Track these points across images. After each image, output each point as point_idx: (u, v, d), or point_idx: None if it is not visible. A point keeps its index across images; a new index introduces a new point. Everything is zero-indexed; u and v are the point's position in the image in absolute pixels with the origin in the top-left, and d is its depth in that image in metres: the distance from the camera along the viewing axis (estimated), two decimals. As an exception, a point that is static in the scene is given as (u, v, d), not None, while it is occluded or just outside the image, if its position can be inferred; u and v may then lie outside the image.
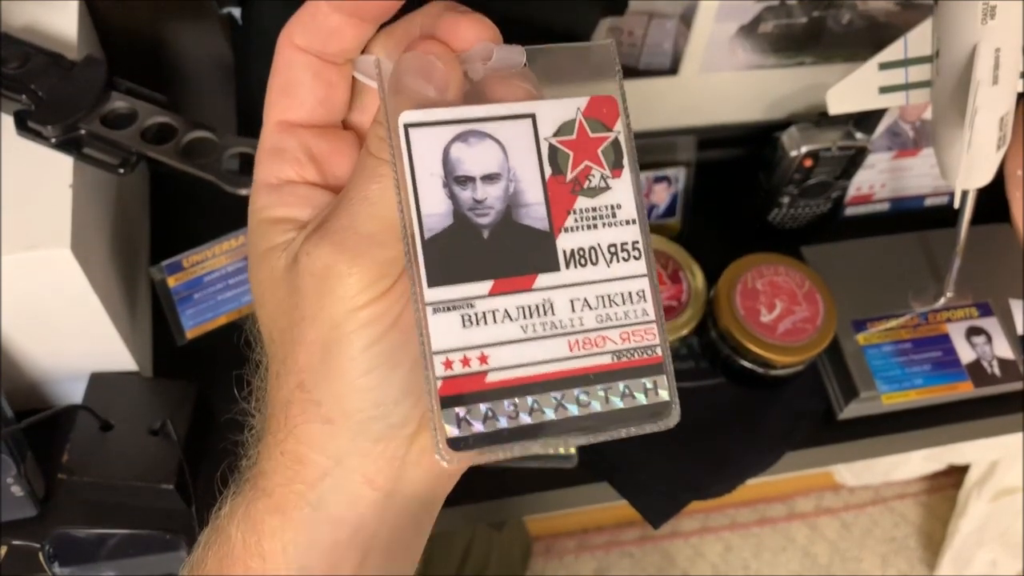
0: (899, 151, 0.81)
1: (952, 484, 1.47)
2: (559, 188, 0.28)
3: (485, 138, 0.28)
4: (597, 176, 0.29)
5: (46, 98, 0.54)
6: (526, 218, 0.28)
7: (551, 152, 0.28)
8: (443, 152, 0.28)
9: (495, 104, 0.28)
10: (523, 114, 0.28)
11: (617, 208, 0.29)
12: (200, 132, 0.55)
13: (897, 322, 0.74)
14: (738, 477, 0.72)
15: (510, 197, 0.28)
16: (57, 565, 0.60)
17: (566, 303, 0.28)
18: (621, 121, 0.29)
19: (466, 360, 0.27)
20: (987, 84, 0.56)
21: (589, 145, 0.29)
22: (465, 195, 0.28)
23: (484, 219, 0.28)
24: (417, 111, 0.27)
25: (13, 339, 0.60)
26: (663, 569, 1.44)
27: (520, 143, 0.28)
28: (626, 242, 0.29)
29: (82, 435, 0.63)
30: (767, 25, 0.72)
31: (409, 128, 0.27)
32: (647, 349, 0.29)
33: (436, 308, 0.27)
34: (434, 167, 0.27)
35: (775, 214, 0.79)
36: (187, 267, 0.64)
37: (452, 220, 0.27)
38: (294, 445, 0.30)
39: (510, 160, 0.28)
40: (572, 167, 0.29)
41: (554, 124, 0.29)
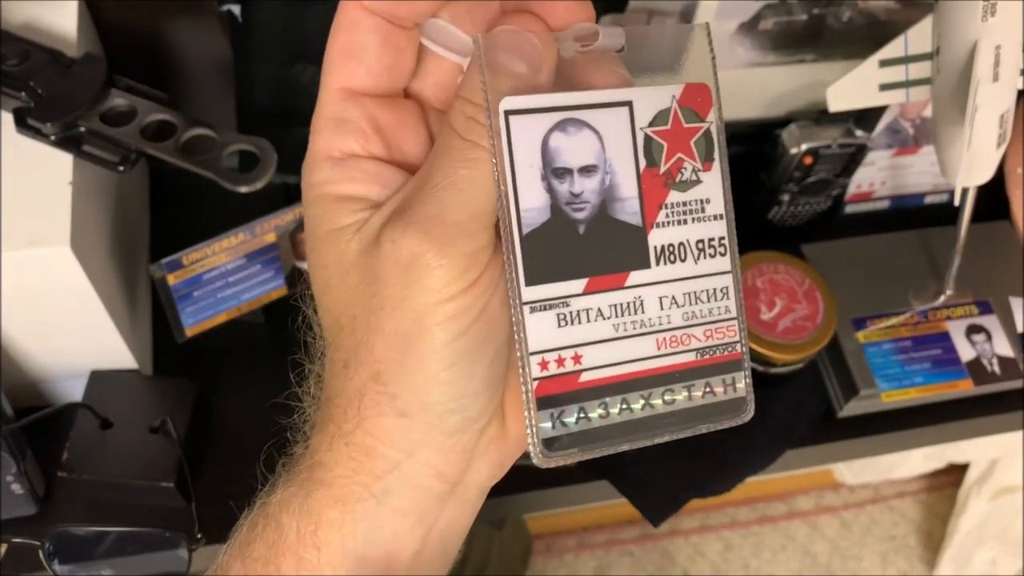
0: (899, 149, 0.81)
1: (952, 482, 1.47)
2: (653, 181, 0.28)
3: (584, 127, 0.27)
4: (689, 169, 0.28)
5: (46, 95, 0.54)
6: (621, 213, 0.27)
7: (646, 143, 0.27)
8: (542, 142, 0.26)
9: (594, 91, 0.27)
10: (621, 101, 0.27)
11: (707, 203, 0.28)
12: (200, 129, 0.55)
13: (897, 320, 0.74)
14: (738, 475, 0.72)
15: (606, 191, 0.27)
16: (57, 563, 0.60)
17: (655, 301, 0.28)
18: (714, 111, 0.28)
19: (561, 360, 0.27)
20: (987, 81, 0.56)
21: (683, 136, 0.28)
22: (563, 188, 0.27)
23: (580, 214, 0.27)
24: (519, 97, 0.26)
25: (13, 337, 0.60)
26: (663, 568, 1.44)
27: (617, 133, 0.27)
28: (713, 238, 0.28)
29: (82, 433, 0.63)
30: (767, 23, 0.72)
31: (510, 115, 0.26)
32: (728, 346, 0.29)
33: (533, 307, 0.27)
34: (533, 158, 0.26)
35: (775, 212, 0.79)
36: (187, 265, 0.64)
37: (550, 215, 0.27)
38: (362, 437, 0.29)
39: (607, 151, 0.27)
40: (666, 159, 0.28)
41: (650, 113, 0.27)
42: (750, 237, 0.79)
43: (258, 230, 0.66)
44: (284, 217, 0.67)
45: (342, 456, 0.29)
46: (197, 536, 0.60)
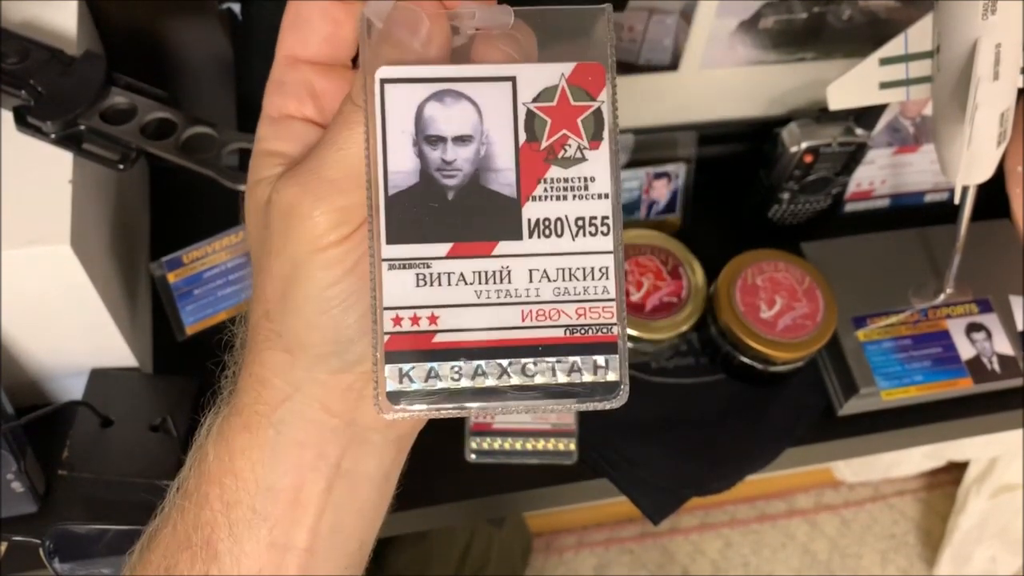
0: (899, 147, 0.81)
1: (951, 481, 1.47)
2: (532, 155, 0.28)
3: (461, 99, 0.28)
4: (574, 146, 0.28)
5: (46, 93, 0.54)
6: (494, 183, 0.28)
7: (528, 118, 0.28)
8: (416, 110, 0.27)
9: (476, 65, 0.28)
10: (504, 76, 0.28)
11: (591, 181, 0.28)
12: (200, 127, 0.55)
13: (897, 318, 0.74)
14: (738, 473, 0.72)
15: (480, 160, 0.28)
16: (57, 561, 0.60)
17: (524, 272, 0.28)
18: (607, 91, 0.28)
19: (416, 319, 0.28)
20: (988, 80, 0.55)
21: (569, 113, 0.28)
22: (434, 155, 0.28)
23: (451, 180, 0.28)
24: (395, 67, 0.27)
25: (13, 335, 0.60)
26: (663, 566, 1.44)
27: (497, 106, 0.28)
28: (595, 216, 0.28)
29: (82, 431, 0.63)
30: (767, 21, 0.72)
31: (385, 84, 0.27)
32: (603, 327, 0.29)
33: (392, 264, 0.27)
34: (406, 124, 0.27)
35: (775, 210, 0.79)
36: (187, 263, 0.64)
37: (418, 179, 0.28)
38: (259, 368, 0.31)
39: (484, 123, 0.28)
40: (548, 135, 0.28)
41: (535, 89, 0.28)
42: (750, 235, 0.79)
43: (258, 228, 0.66)
44: (284, 215, 0.67)
45: (247, 384, 0.32)
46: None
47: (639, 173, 0.77)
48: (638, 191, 0.78)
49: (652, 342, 0.72)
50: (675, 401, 0.73)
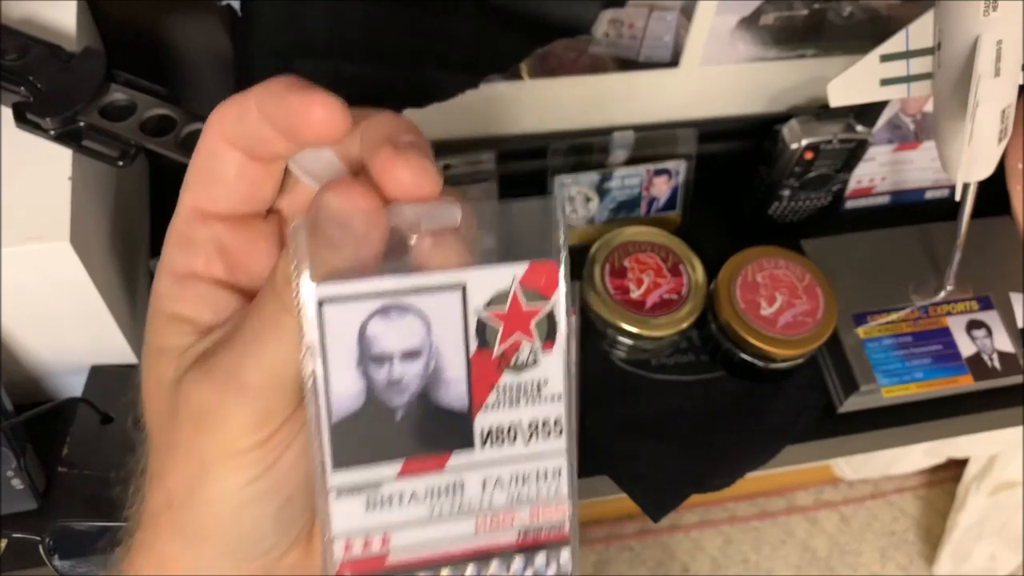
0: (900, 144, 0.81)
1: (951, 478, 1.47)
2: (484, 363, 0.26)
3: (408, 312, 0.25)
4: (527, 350, 0.27)
5: (45, 90, 0.54)
6: (444, 397, 0.26)
7: (479, 326, 0.26)
8: (360, 329, 0.25)
9: (423, 274, 0.25)
10: (453, 284, 0.26)
11: (544, 383, 0.27)
12: (200, 124, 0.55)
13: (897, 315, 0.74)
14: (738, 470, 0.72)
15: (429, 375, 0.26)
16: (57, 558, 0.60)
17: (478, 483, 0.27)
18: (560, 289, 0.27)
19: (367, 542, 0.26)
20: (989, 76, 0.55)
21: (522, 317, 0.27)
22: (380, 375, 0.26)
23: (399, 399, 0.26)
24: (334, 285, 0.24)
25: (13, 332, 0.60)
26: (663, 563, 1.44)
27: (446, 316, 0.26)
28: (548, 419, 0.27)
29: (82, 428, 0.63)
30: (768, 17, 0.72)
31: (324, 303, 0.25)
32: (554, 526, 0.28)
33: (340, 492, 0.26)
34: (348, 345, 0.25)
35: (775, 207, 0.79)
36: (187, 260, 0.64)
37: (364, 401, 0.26)
38: (160, 549, 0.29)
39: (433, 335, 0.26)
40: (501, 341, 0.26)
41: (486, 295, 0.26)
42: (750, 232, 0.79)
43: (258, 225, 0.66)
44: (284, 212, 0.66)
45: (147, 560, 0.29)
46: None
47: (639, 170, 0.77)
48: (638, 188, 0.78)
49: (652, 339, 0.72)
50: (675, 398, 0.73)
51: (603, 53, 0.72)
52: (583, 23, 0.67)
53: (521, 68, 0.71)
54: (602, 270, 0.73)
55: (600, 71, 0.73)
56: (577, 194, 0.77)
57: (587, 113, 0.77)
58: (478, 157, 0.73)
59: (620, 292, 0.72)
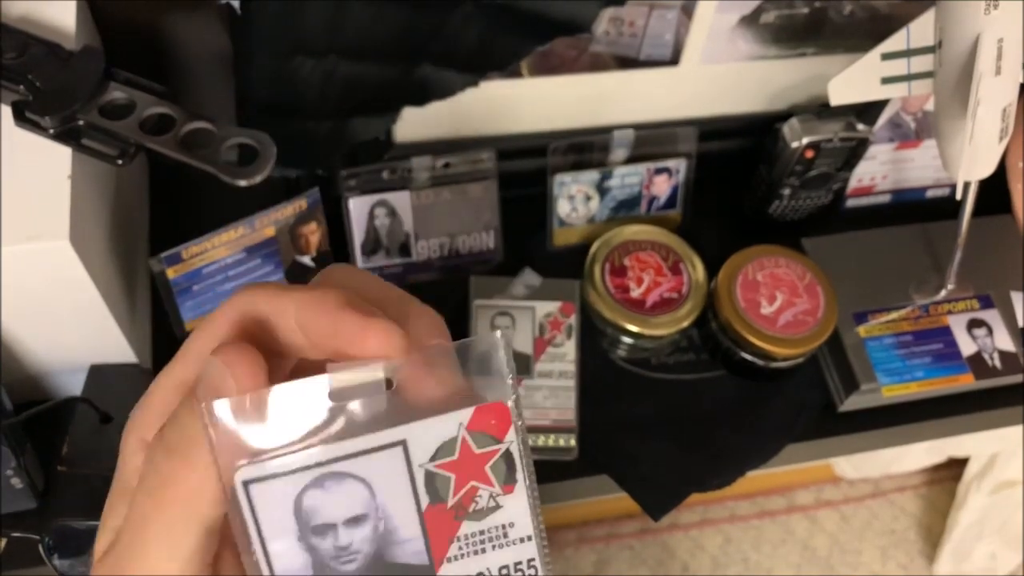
0: (901, 142, 0.81)
1: (952, 477, 1.47)
2: (439, 517, 0.25)
3: (345, 479, 0.24)
4: (485, 496, 0.25)
5: (44, 88, 0.54)
6: (401, 556, 0.25)
7: (428, 479, 0.25)
8: (294, 503, 0.24)
9: (354, 439, 0.24)
10: (391, 443, 0.24)
11: (509, 527, 0.26)
12: (199, 123, 0.54)
13: (898, 314, 0.74)
14: (738, 469, 0.72)
15: (380, 537, 0.25)
16: (57, 557, 0.60)
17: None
18: (513, 429, 0.25)
19: None
20: (989, 75, 0.55)
21: (475, 463, 0.25)
22: (326, 545, 0.24)
23: (351, 566, 0.25)
24: (255, 466, 0.24)
25: (12, 331, 0.60)
26: (663, 561, 1.44)
27: (389, 476, 0.24)
28: (520, 561, 0.26)
29: (82, 427, 0.62)
30: (768, 16, 0.72)
31: (249, 484, 0.24)
32: None
33: None
34: (284, 522, 0.24)
35: (776, 206, 0.79)
36: (186, 258, 0.64)
37: (311, 573, 0.24)
38: None
39: (377, 497, 0.25)
40: (454, 491, 0.25)
41: (431, 447, 0.25)
42: (751, 231, 0.79)
43: (257, 224, 0.66)
44: (283, 211, 0.66)
45: None
46: None
47: (639, 169, 0.77)
48: (639, 187, 0.78)
49: (652, 338, 0.71)
50: (675, 397, 0.73)
51: (603, 51, 0.72)
52: (583, 21, 0.67)
53: (521, 66, 0.71)
54: (602, 269, 0.73)
55: (600, 69, 0.73)
56: (577, 193, 0.77)
57: (587, 111, 0.77)
58: (478, 155, 0.73)
59: (620, 291, 0.72)
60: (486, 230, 0.76)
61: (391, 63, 0.66)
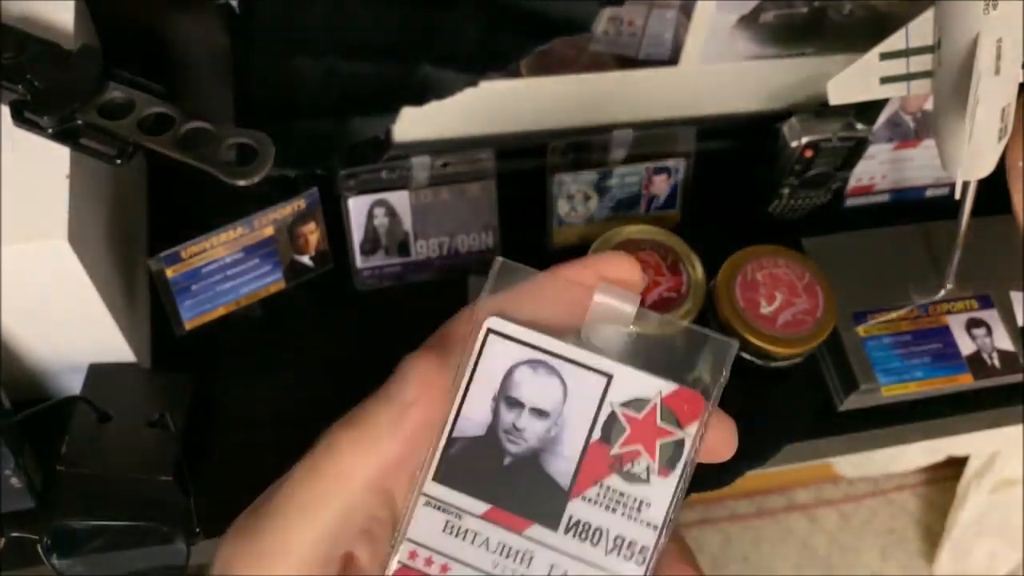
0: (900, 142, 0.81)
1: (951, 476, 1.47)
2: (599, 456, 0.27)
3: (553, 374, 0.28)
4: (643, 465, 0.27)
5: (42, 88, 0.54)
6: (551, 467, 0.27)
7: (609, 418, 0.27)
8: (508, 369, 0.28)
9: (579, 348, 0.28)
10: (602, 371, 0.28)
11: (646, 506, 0.27)
12: (198, 122, 0.54)
13: (897, 314, 0.74)
14: (737, 469, 0.72)
15: (547, 439, 0.27)
16: (55, 557, 0.60)
17: (546, 564, 0.27)
18: (697, 425, 0.27)
19: (429, 560, 0.27)
20: (989, 75, 0.55)
21: (651, 432, 0.27)
22: (508, 417, 0.28)
23: (513, 447, 0.28)
24: (503, 321, 0.28)
25: (10, 331, 0.60)
26: (662, 560, 1.44)
27: (584, 395, 0.27)
28: (635, 542, 0.27)
29: (80, 427, 0.62)
30: (768, 15, 0.72)
31: (490, 333, 0.28)
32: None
33: (429, 502, 0.28)
34: (494, 378, 0.28)
35: (775, 205, 0.79)
36: (185, 258, 0.64)
37: (484, 432, 0.28)
38: None
39: (566, 405, 0.27)
40: (623, 443, 0.27)
41: (627, 394, 0.27)
42: (750, 230, 0.79)
43: (256, 224, 0.66)
44: (282, 211, 0.66)
45: None
46: (196, 530, 0.60)
47: (639, 168, 0.77)
48: (638, 186, 0.78)
49: (652, 338, 0.71)
50: (675, 397, 0.73)
51: (603, 51, 0.72)
52: (583, 21, 0.67)
53: (521, 66, 0.71)
54: (601, 268, 0.73)
55: (600, 69, 0.73)
56: (576, 192, 0.76)
57: (586, 111, 0.76)
58: (477, 155, 0.73)
59: (619, 290, 0.72)
60: (485, 230, 0.76)
61: (390, 62, 0.66)
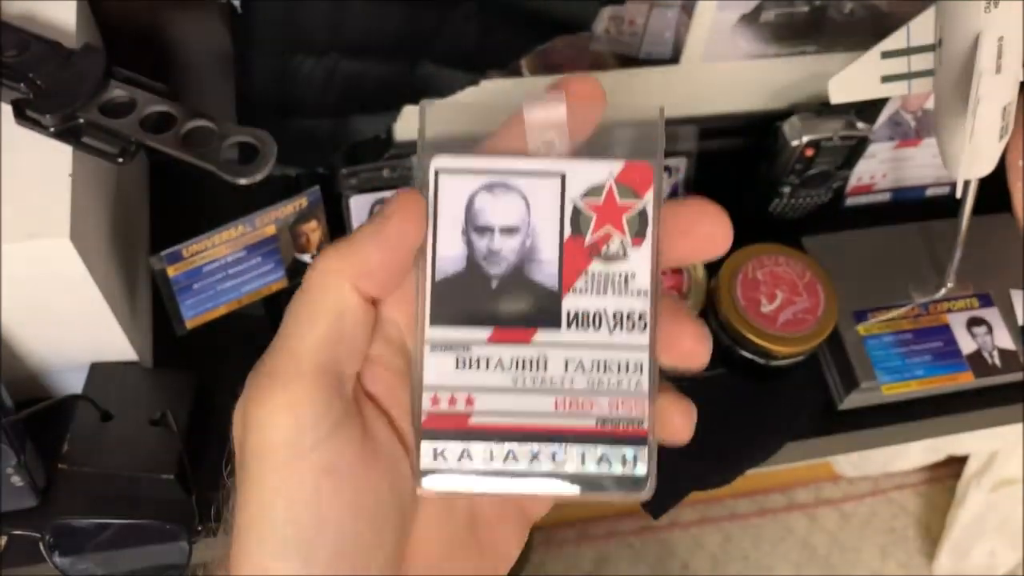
0: (901, 141, 0.81)
1: (951, 475, 1.47)
2: (575, 249, 0.29)
3: (511, 191, 0.29)
4: (617, 243, 0.29)
5: (45, 87, 0.54)
6: (537, 274, 0.29)
7: (574, 213, 0.29)
8: (468, 200, 0.29)
9: (527, 159, 0.29)
10: (553, 172, 0.29)
11: (631, 277, 0.29)
12: (200, 121, 0.54)
13: (898, 312, 0.74)
14: (738, 467, 0.72)
15: (525, 251, 0.29)
16: (57, 555, 0.60)
17: (560, 361, 0.29)
18: (653, 190, 0.29)
19: (453, 400, 0.28)
20: (990, 73, 0.55)
21: (615, 211, 0.29)
22: (481, 244, 0.29)
23: (495, 269, 0.29)
24: (448, 157, 0.29)
25: (13, 329, 0.60)
26: (662, 559, 1.44)
27: (545, 200, 0.29)
28: (633, 312, 0.29)
29: (82, 425, 0.63)
30: (769, 14, 0.72)
31: (440, 173, 0.29)
32: (634, 421, 0.30)
33: (434, 346, 0.29)
34: (456, 213, 0.29)
35: (776, 204, 0.79)
36: (187, 257, 0.64)
37: (464, 265, 0.29)
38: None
39: (532, 215, 0.29)
40: (593, 231, 0.29)
41: (583, 185, 0.29)
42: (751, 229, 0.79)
43: (258, 222, 0.66)
44: (284, 209, 0.66)
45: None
46: (197, 528, 0.60)
47: (640, 167, 0.77)
48: (639, 185, 0.78)
49: (652, 336, 0.71)
50: (675, 395, 0.73)
51: (604, 50, 0.72)
52: (584, 20, 0.67)
53: (522, 65, 0.71)
54: (602, 267, 0.73)
55: (601, 68, 0.73)
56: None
57: (587, 110, 0.76)
58: (478, 154, 0.73)
59: (620, 289, 0.72)
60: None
61: (392, 61, 0.66)
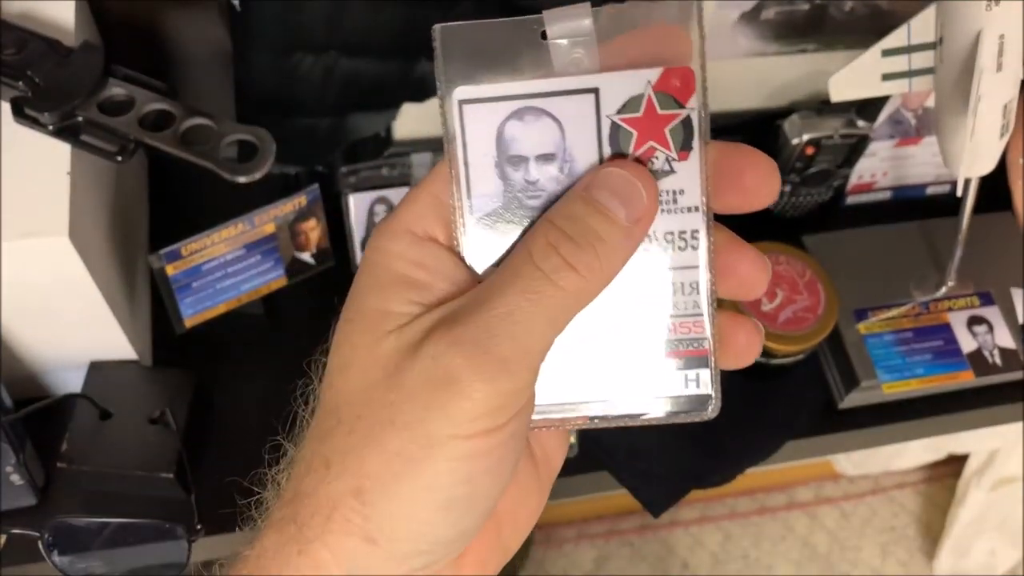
0: (901, 139, 0.81)
1: (951, 473, 1.47)
2: None
3: (542, 115, 0.27)
4: (662, 158, 0.27)
5: (43, 85, 0.54)
6: None
7: (613, 131, 0.27)
8: (497, 131, 0.27)
9: (555, 78, 0.26)
10: (586, 88, 0.26)
11: (679, 194, 0.27)
12: (198, 119, 0.54)
13: (898, 311, 0.74)
14: (738, 466, 0.72)
15: (564, 178, 0.27)
16: (56, 553, 0.60)
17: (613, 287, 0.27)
18: (696, 97, 0.27)
19: None
20: (990, 71, 0.55)
21: (656, 123, 0.27)
22: (517, 176, 0.27)
23: (535, 201, 0.27)
24: (471, 87, 0.26)
25: (12, 328, 0.60)
26: (663, 558, 1.44)
27: (579, 120, 0.27)
28: (684, 231, 0.27)
29: (81, 424, 0.63)
30: (769, 12, 0.72)
31: (464, 104, 0.27)
32: (694, 341, 0.28)
33: None
34: (487, 147, 0.27)
35: (776, 202, 0.79)
36: (186, 255, 0.64)
37: (502, 201, 0.27)
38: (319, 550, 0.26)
39: (567, 139, 0.27)
40: (635, 147, 0.27)
41: (619, 100, 0.26)
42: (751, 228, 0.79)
43: (257, 220, 0.66)
44: (283, 208, 0.66)
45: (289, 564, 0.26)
46: (196, 527, 0.60)
47: (640, 165, 0.77)
48: (639, 183, 0.78)
49: (652, 335, 0.71)
50: (675, 394, 0.73)
51: (603, 48, 0.72)
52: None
53: (521, 63, 0.71)
54: (602, 266, 0.73)
55: (600, 66, 0.73)
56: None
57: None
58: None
59: (620, 288, 0.72)
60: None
61: (391, 59, 0.66)
